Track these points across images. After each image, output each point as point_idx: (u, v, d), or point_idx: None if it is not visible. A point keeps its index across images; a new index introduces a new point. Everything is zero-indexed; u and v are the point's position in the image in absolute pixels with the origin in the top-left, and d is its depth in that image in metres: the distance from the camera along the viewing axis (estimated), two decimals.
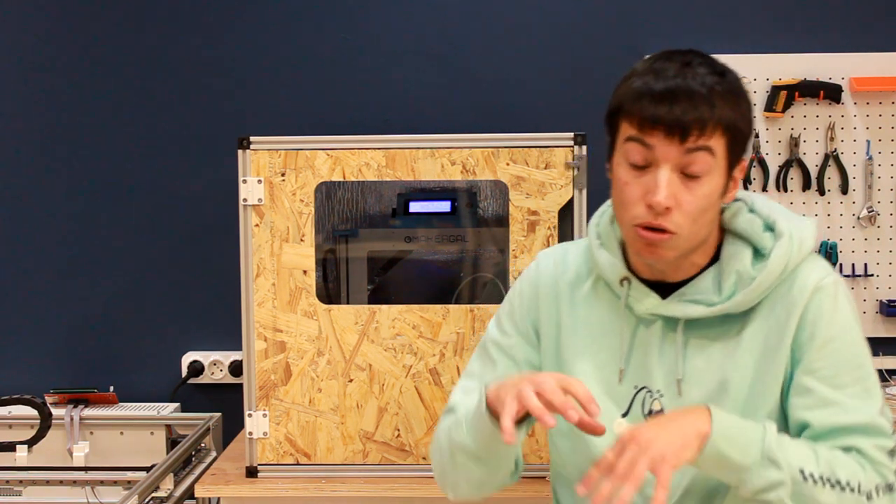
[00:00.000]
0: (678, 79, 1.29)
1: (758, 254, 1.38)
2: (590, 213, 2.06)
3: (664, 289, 1.41)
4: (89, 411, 2.56)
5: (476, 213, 2.41)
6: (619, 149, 1.35)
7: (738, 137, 1.33)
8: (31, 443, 2.31)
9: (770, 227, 1.39)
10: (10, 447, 2.32)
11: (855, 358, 1.36)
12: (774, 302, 1.37)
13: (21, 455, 2.31)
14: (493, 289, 2.35)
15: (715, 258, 1.41)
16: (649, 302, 1.40)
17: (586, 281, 1.49)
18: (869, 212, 2.59)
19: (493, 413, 1.34)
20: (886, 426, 1.34)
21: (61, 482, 2.24)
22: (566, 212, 2.07)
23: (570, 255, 1.55)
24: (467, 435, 1.41)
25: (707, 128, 1.28)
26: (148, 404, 2.65)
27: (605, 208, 1.50)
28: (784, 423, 1.37)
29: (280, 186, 2.08)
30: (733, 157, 1.33)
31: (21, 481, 2.27)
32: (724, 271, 1.38)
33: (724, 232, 1.42)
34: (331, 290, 2.40)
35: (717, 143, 1.30)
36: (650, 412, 1.40)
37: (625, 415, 1.42)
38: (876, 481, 1.30)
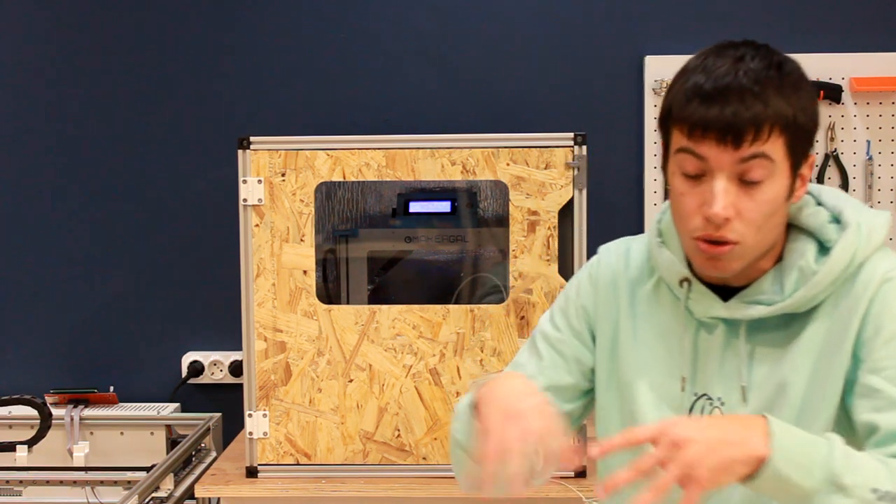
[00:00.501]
0: (729, 76, 1.20)
1: (823, 248, 1.28)
2: (590, 213, 2.07)
3: (726, 293, 1.32)
4: (89, 411, 2.57)
5: (476, 213, 2.41)
6: (673, 158, 1.26)
7: (799, 134, 1.22)
8: (31, 443, 2.31)
9: (836, 219, 1.29)
10: (10, 447, 2.32)
11: None
12: (838, 299, 1.27)
13: (21, 455, 2.31)
14: (492, 289, 2.35)
15: (780, 258, 1.31)
16: (709, 305, 1.32)
17: (648, 281, 1.41)
18: None
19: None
20: None
21: (61, 482, 2.24)
22: (566, 212, 2.07)
23: (632, 251, 1.46)
24: (459, 428, 1.36)
25: (763, 130, 1.19)
26: (148, 404, 2.65)
27: (669, 205, 1.39)
28: (846, 427, 1.27)
29: (280, 186, 2.08)
30: (796, 156, 1.23)
31: (21, 481, 2.27)
32: (786, 268, 1.29)
33: (790, 228, 1.32)
34: (331, 290, 2.40)
35: (775, 147, 1.20)
36: None
37: None
38: None
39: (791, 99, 1.21)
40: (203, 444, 2.48)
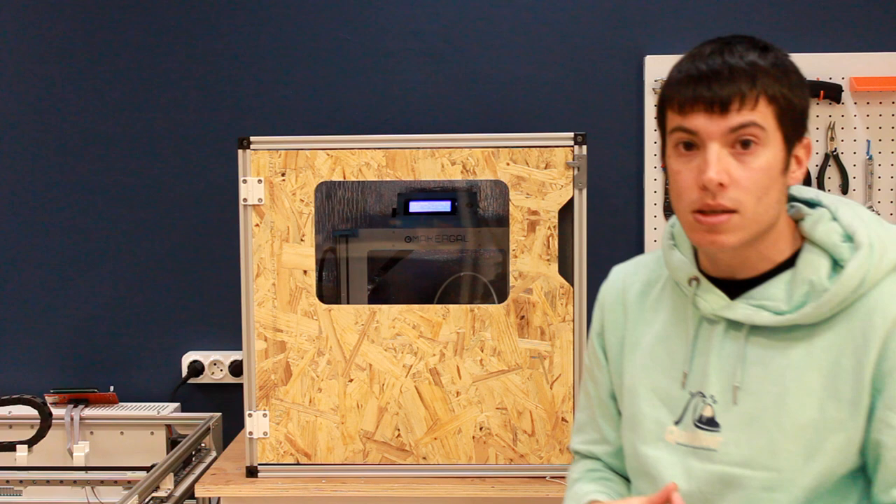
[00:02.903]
0: (716, 57, 1.25)
1: (837, 266, 1.29)
2: (590, 213, 2.07)
3: (734, 289, 1.34)
4: (89, 411, 2.56)
5: (476, 212, 2.41)
6: (669, 141, 1.30)
7: (788, 109, 1.25)
8: (31, 443, 2.31)
9: (850, 238, 1.30)
10: (10, 447, 2.32)
11: None
12: (851, 319, 1.27)
13: (21, 455, 2.32)
14: (491, 289, 2.36)
15: (792, 264, 1.32)
16: (716, 302, 1.34)
17: (656, 286, 1.46)
18: None
19: None
20: None
21: (61, 482, 2.24)
22: (566, 212, 2.07)
23: (640, 266, 1.52)
24: None
25: (747, 99, 1.23)
26: (148, 404, 2.64)
27: None
28: (859, 455, 1.29)
29: (280, 186, 2.08)
30: (787, 130, 1.26)
31: (21, 481, 2.27)
32: (798, 279, 1.29)
33: (805, 242, 1.33)
34: (331, 290, 2.40)
35: (764, 116, 1.24)
36: (700, 418, 1.34)
37: (677, 422, 1.36)
38: None
39: (777, 73, 1.25)
40: (203, 444, 2.48)
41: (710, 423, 1.32)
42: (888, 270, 1.28)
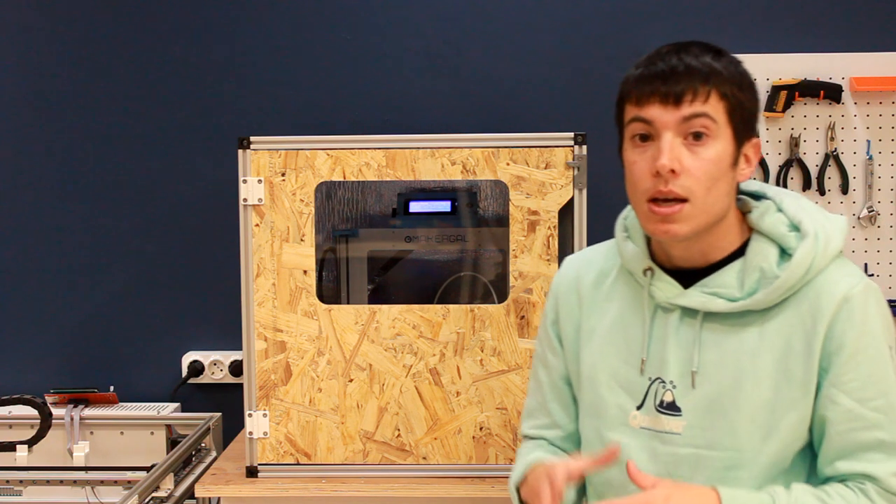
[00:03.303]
0: (673, 56, 1.33)
1: (785, 254, 1.37)
2: (590, 213, 2.07)
3: (687, 278, 1.41)
4: (89, 411, 2.56)
5: (476, 212, 2.41)
6: (626, 134, 1.38)
7: (738, 106, 1.33)
8: (31, 443, 2.31)
9: (796, 227, 1.38)
10: (10, 447, 2.32)
11: (881, 371, 1.34)
12: (800, 304, 1.35)
13: (21, 455, 2.32)
14: (491, 289, 2.36)
15: (742, 253, 1.40)
16: (671, 291, 1.40)
17: (609, 276, 1.51)
18: (869, 212, 2.59)
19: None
20: None
21: (61, 482, 2.24)
22: (566, 212, 2.07)
23: (593, 255, 1.58)
24: None
25: (700, 92, 1.31)
26: (148, 404, 2.64)
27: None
28: (809, 431, 1.37)
29: (280, 186, 2.08)
30: (737, 127, 1.34)
31: (21, 481, 2.27)
32: (749, 267, 1.37)
33: (753, 233, 1.41)
34: (331, 290, 2.40)
35: (715, 109, 1.32)
36: (662, 403, 1.40)
37: (639, 407, 1.42)
38: None
39: (728, 74, 1.34)
40: (203, 444, 2.48)
41: (671, 408, 1.39)
42: (832, 257, 1.36)
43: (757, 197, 1.45)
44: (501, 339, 2.09)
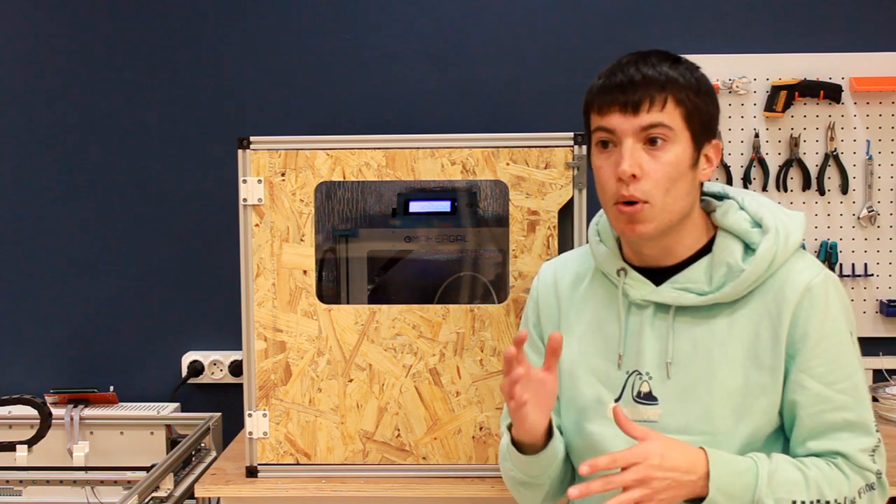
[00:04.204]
0: (631, 67, 1.42)
1: (749, 249, 1.46)
2: (590, 213, 2.06)
3: (658, 276, 1.49)
4: (89, 411, 2.57)
5: (476, 212, 2.41)
6: (592, 140, 1.47)
7: (695, 111, 1.42)
8: (31, 443, 2.31)
9: (758, 223, 1.47)
10: (10, 447, 2.32)
11: (845, 355, 1.43)
12: (765, 295, 1.44)
13: (21, 455, 2.32)
14: (491, 289, 2.35)
15: (708, 250, 1.48)
16: (643, 289, 1.49)
17: (585, 278, 1.60)
18: (869, 212, 2.59)
19: (520, 446, 1.51)
20: (871, 422, 1.44)
21: (61, 482, 2.24)
22: (566, 212, 2.07)
23: (569, 260, 1.67)
24: (514, 468, 1.55)
25: (656, 101, 1.39)
26: (148, 404, 2.65)
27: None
28: (781, 417, 1.46)
29: (280, 186, 2.08)
30: (695, 130, 1.42)
31: (21, 481, 2.27)
32: (716, 263, 1.46)
33: (718, 231, 1.50)
34: (331, 290, 2.40)
35: (672, 117, 1.40)
36: (639, 394, 1.49)
37: (617, 399, 1.50)
38: (859, 485, 1.41)
39: (684, 81, 1.42)
40: (203, 444, 2.48)
41: (647, 398, 1.48)
42: (793, 250, 1.46)
43: (719, 197, 1.54)
44: (501, 339, 2.09)
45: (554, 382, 1.45)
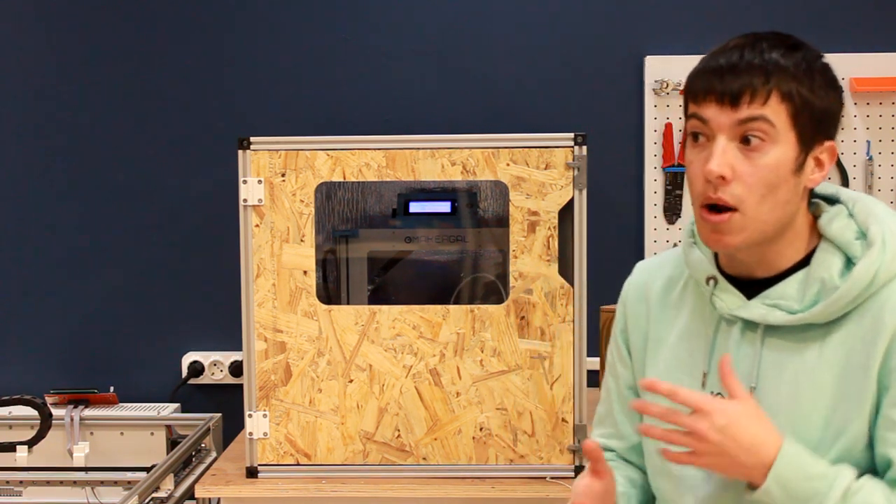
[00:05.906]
0: (736, 52, 1.24)
1: (851, 263, 1.27)
2: (590, 214, 2.07)
3: (752, 288, 1.32)
4: (89, 411, 2.56)
5: (476, 213, 2.41)
6: (687, 128, 1.30)
7: (805, 108, 1.24)
8: (31, 443, 2.31)
9: (864, 234, 1.27)
10: (10, 447, 2.31)
11: None
12: (862, 317, 1.25)
13: (21, 455, 2.31)
14: (492, 289, 2.35)
15: (808, 263, 1.30)
16: (732, 301, 1.32)
17: (678, 284, 1.44)
18: None
19: None
20: None
21: (61, 482, 2.24)
22: (566, 212, 2.07)
23: (665, 261, 1.50)
24: None
25: (759, 94, 1.22)
26: (148, 404, 2.64)
27: None
28: (870, 451, 1.26)
29: (280, 187, 2.08)
30: (804, 130, 1.24)
31: (21, 481, 2.27)
32: (811, 278, 1.28)
33: (822, 239, 1.31)
34: (331, 291, 2.40)
35: (776, 113, 1.22)
36: None
37: None
38: None
39: (797, 72, 1.24)
40: (203, 445, 2.48)
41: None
42: None
43: (831, 201, 1.34)
44: (501, 340, 2.09)
45: (610, 483, 1.34)
